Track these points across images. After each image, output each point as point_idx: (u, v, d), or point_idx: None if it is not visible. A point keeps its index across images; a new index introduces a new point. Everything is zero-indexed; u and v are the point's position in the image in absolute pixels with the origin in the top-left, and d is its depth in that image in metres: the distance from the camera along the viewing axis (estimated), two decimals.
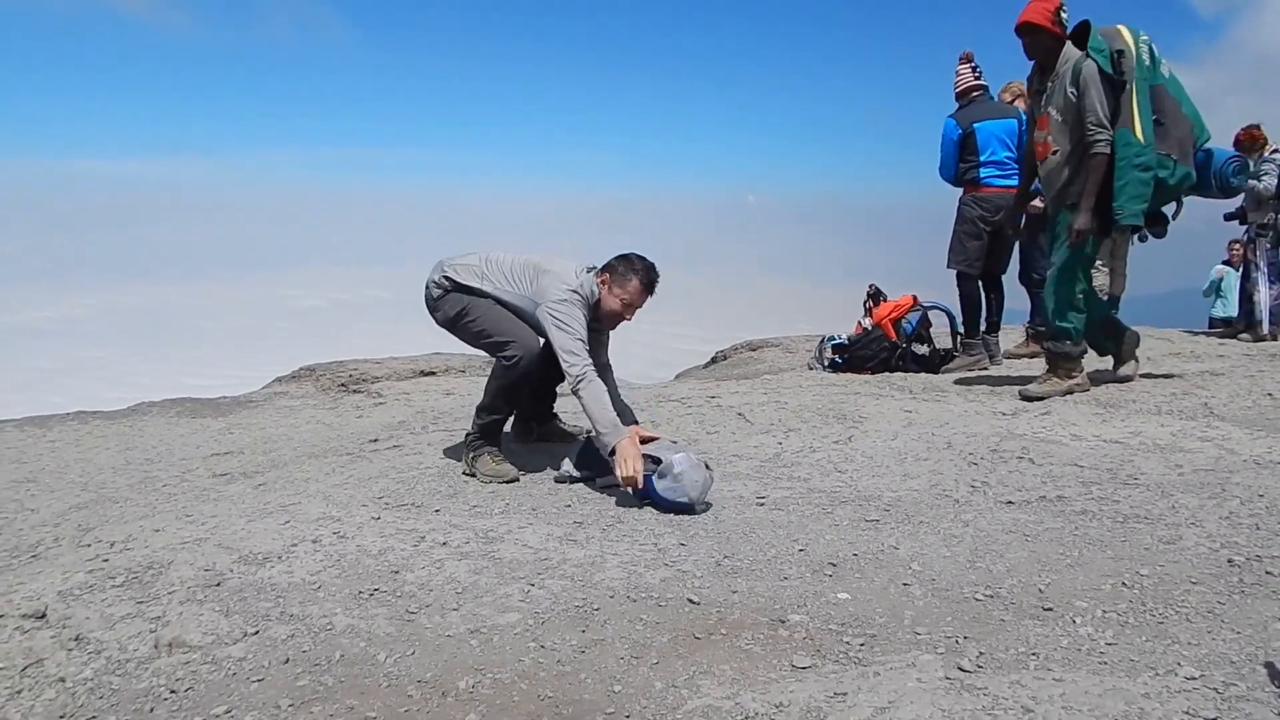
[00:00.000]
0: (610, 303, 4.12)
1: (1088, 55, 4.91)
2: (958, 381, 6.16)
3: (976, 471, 3.89)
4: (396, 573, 2.92)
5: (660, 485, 3.54)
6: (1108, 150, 4.87)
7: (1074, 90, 4.91)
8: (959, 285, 7.04)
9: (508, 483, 3.97)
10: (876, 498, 3.61)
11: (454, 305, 4.18)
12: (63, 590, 2.78)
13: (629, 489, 3.67)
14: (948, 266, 7.01)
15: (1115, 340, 5.53)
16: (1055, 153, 5.07)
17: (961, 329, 7.18)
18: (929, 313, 7.29)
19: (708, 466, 3.61)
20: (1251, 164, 8.39)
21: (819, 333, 8.16)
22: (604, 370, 4.57)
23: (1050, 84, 5.07)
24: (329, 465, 4.48)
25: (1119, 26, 4.97)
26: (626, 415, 4.48)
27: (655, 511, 3.51)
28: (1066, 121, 4.98)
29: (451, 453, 4.48)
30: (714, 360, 9.69)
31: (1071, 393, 5.20)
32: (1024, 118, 6.56)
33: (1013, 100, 7.10)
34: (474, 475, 4.05)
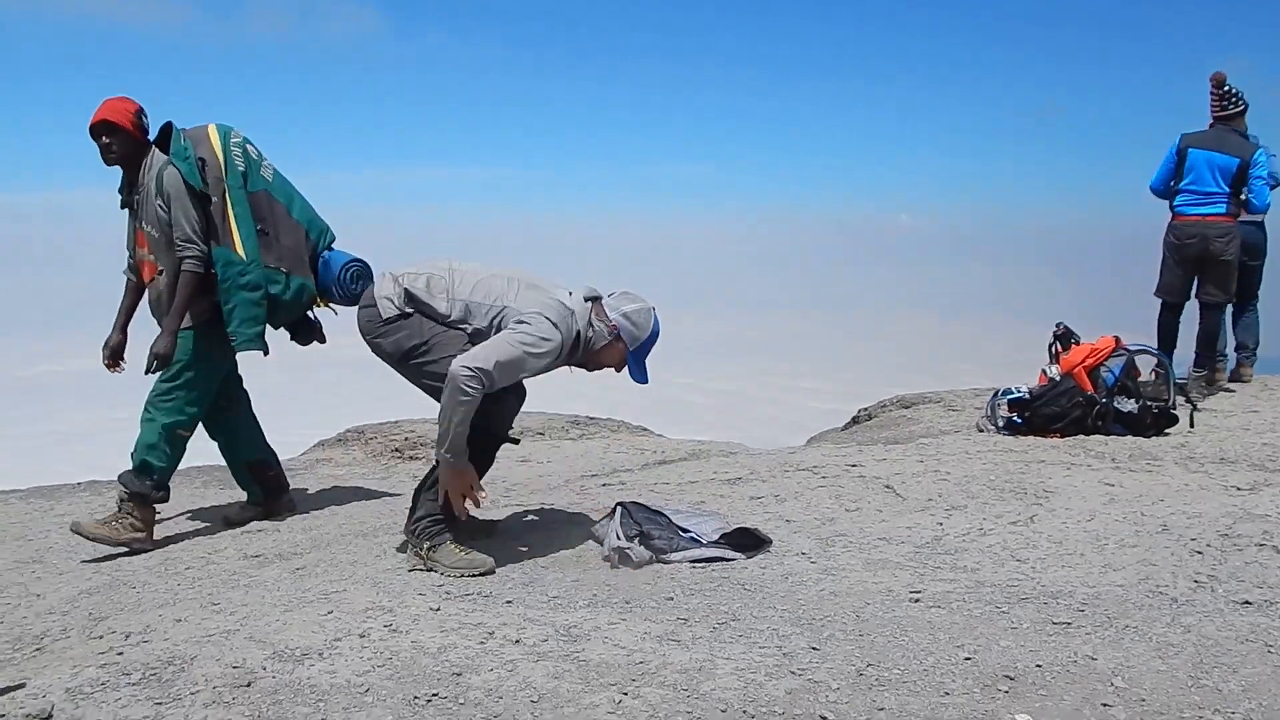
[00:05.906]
0: (609, 355, 4.20)
1: (170, 163, 5.15)
2: (1178, 447, 5.97)
3: (1201, 562, 3.76)
4: (459, 675, 2.98)
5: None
6: (200, 268, 5.12)
7: (162, 203, 5.13)
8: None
9: (482, 575, 3.98)
10: (1067, 594, 3.52)
11: (410, 335, 4.14)
12: (71, 688, 2.93)
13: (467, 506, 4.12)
14: (1154, 294, 8.39)
15: (265, 489, 5.72)
16: (161, 273, 5.24)
17: (1178, 377, 7.44)
18: (1136, 358, 7.10)
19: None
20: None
21: (991, 385, 8.03)
22: None
23: (138, 197, 5.29)
24: (380, 546, 4.61)
25: (208, 127, 5.27)
26: None
27: (779, 609, 3.49)
28: (165, 237, 5.17)
29: (526, 531, 4.56)
30: (855, 420, 9.60)
31: (132, 550, 5.09)
32: (1259, 158, 7.84)
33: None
34: (430, 570, 4.07)
